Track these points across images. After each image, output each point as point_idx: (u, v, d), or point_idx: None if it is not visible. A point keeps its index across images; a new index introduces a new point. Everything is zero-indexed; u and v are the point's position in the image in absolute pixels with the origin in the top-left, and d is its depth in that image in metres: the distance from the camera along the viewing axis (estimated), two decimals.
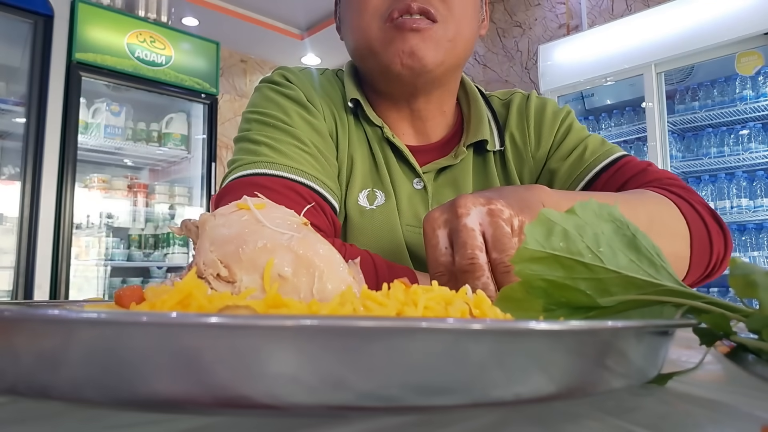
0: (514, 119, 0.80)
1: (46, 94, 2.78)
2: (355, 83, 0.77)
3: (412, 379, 0.17)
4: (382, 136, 0.75)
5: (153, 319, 0.16)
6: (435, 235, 0.46)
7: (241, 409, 0.16)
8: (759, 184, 2.62)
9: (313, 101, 0.73)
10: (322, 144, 0.71)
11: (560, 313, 0.29)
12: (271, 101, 0.72)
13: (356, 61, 0.76)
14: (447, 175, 0.77)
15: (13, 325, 0.17)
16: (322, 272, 0.28)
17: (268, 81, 0.76)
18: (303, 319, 0.16)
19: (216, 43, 3.54)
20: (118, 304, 0.24)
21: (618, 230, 0.30)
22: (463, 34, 0.70)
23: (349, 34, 0.73)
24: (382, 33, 0.68)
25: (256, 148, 0.67)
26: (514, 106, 0.81)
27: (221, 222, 0.29)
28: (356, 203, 0.73)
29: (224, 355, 0.16)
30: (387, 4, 0.67)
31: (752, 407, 0.23)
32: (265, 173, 0.64)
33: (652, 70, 2.71)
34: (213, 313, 0.20)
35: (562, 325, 0.19)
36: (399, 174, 0.75)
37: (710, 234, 0.62)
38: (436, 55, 0.67)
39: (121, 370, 0.16)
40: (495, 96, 0.85)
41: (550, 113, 0.79)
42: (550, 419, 0.21)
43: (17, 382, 0.17)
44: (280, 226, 0.29)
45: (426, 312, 0.24)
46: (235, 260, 0.27)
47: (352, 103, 0.75)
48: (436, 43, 0.67)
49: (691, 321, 0.24)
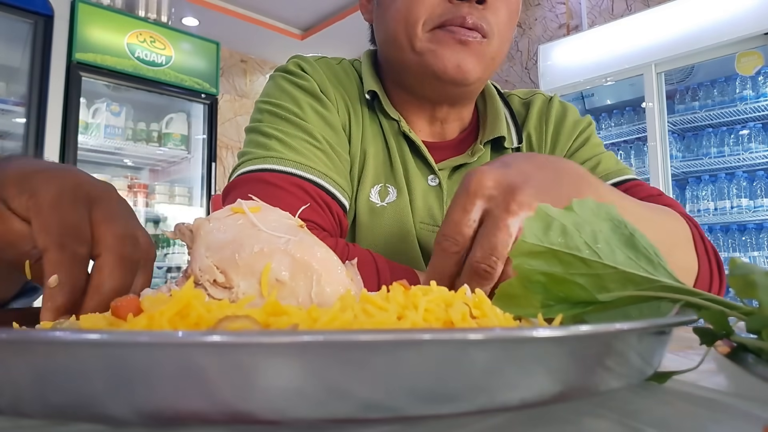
0: (534, 120, 0.79)
1: (46, 94, 2.78)
2: (373, 74, 0.75)
3: (416, 389, 0.17)
4: (398, 130, 0.74)
5: (155, 339, 0.16)
6: (472, 201, 0.41)
7: (242, 424, 0.17)
8: (759, 184, 2.62)
9: (327, 92, 0.72)
10: (334, 138, 0.70)
11: (558, 308, 0.29)
12: (285, 92, 0.71)
13: (387, 51, 0.73)
14: (462, 173, 0.75)
15: (12, 347, 0.17)
16: (320, 275, 0.27)
17: (283, 70, 0.75)
18: (304, 335, 0.16)
19: (216, 43, 3.54)
20: (114, 315, 0.23)
21: (616, 228, 0.30)
22: (504, 50, 0.70)
23: (387, 22, 0.70)
24: (430, 35, 0.66)
25: (266, 142, 0.66)
26: (535, 107, 0.80)
27: (216, 226, 0.29)
28: (367, 199, 0.71)
29: (224, 372, 0.16)
30: (442, 8, 0.65)
31: (752, 407, 0.23)
32: (273, 169, 0.63)
33: (652, 70, 2.71)
34: (212, 328, 0.20)
35: (562, 330, 0.19)
36: (414, 170, 0.73)
37: (712, 277, 0.62)
38: (478, 69, 0.67)
39: (123, 387, 0.16)
40: (515, 95, 0.84)
41: (570, 121, 0.79)
42: (553, 420, 0.21)
43: (16, 401, 0.17)
44: (276, 229, 0.28)
45: (426, 315, 0.24)
46: (232, 266, 0.27)
47: (369, 95, 0.74)
48: (481, 58, 0.67)
49: (691, 318, 0.24)
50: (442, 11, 0.65)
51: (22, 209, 0.35)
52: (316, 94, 0.71)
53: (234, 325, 0.20)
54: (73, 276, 0.33)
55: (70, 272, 0.33)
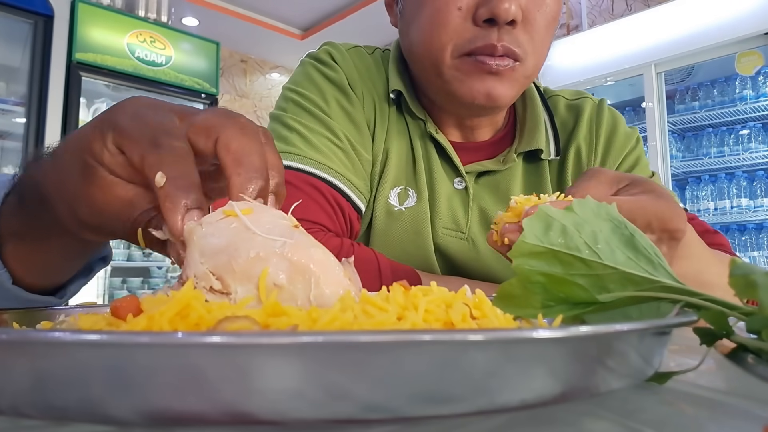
0: (584, 131, 0.73)
1: (46, 94, 2.78)
2: (399, 72, 0.72)
3: (416, 389, 0.17)
4: (425, 131, 0.70)
5: (155, 340, 0.16)
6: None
7: (242, 425, 0.17)
8: (759, 184, 2.62)
9: (355, 86, 0.69)
10: (356, 137, 0.67)
11: (559, 309, 0.29)
12: (312, 82, 0.69)
13: (412, 65, 0.69)
14: (489, 179, 0.72)
15: (11, 348, 0.17)
16: (318, 278, 0.27)
17: (314, 57, 0.72)
18: (304, 336, 0.16)
19: (216, 43, 3.54)
20: (114, 315, 0.23)
21: (616, 229, 0.30)
22: (540, 63, 0.65)
23: (411, 39, 0.66)
24: (457, 63, 0.62)
25: (287, 135, 0.64)
26: (585, 115, 0.74)
27: (210, 231, 0.28)
28: (386, 201, 0.69)
29: (224, 373, 0.16)
30: (470, 34, 0.60)
31: (752, 407, 0.23)
32: (290, 166, 0.62)
33: (652, 70, 2.71)
34: (212, 329, 0.20)
35: (562, 331, 0.19)
36: (440, 172, 0.70)
37: None
38: (511, 92, 0.63)
39: (123, 387, 0.16)
40: (561, 96, 0.79)
41: (622, 133, 0.74)
42: (553, 420, 0.21)
43: (17, 402, 0.17)
44: (270, 231, 0.28)
45: (426, 315, 0.24)
46: (228, 271, 0.27)
47: (393, 94, 0.70)
48: (514, 83, 0.63)
49: (691, 318, 0.24)
50: (471, 37, 0.60)
51: (113, 152, 0.30)
52: (343, 88, 0.68)
53: (234, 325, 0.20)
54: (180, 167, 0.29)
55: (174, 165, 0.29)
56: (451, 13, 0.60)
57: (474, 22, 0.60)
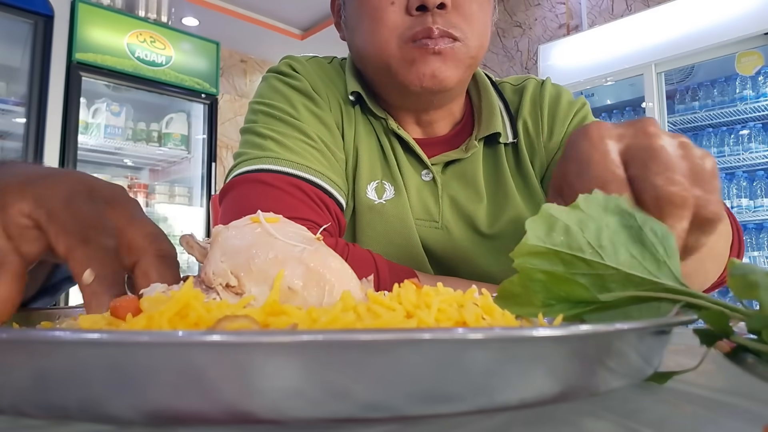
0: (528, 107, 0.77)
1: (46, 94, 2.78)
2: (356, 75, 0.75)
3: (416, 388, 0.17)
4: (387, 128, 0.73)
5: (155, 339, 0.16)
6: (604, 143, 0.35)
7: (241, 423, 0.17)
8: (759, 184, 2.62)
9: (320, 92, 0.72)
10: (328, 137, 0.69)
11: (559, 308, 0.29)
12: (278, 92, 0.71)
13: (364, 69, 0.73)
14: (455, 168, 0.74)
15: (12, 346, 0.17)
16: (332, 286, 0.27)
17: (275, 71, 0.75)
18: (303, 334, 0.16)
19: (216, 43, 3.54)
20: (114, 315, 0.23)
21: (624, 223, 0.30)
22: (483, 43, 0.68)
23: (359, 43, 0.70)
24: (401, 53, 0.65)
25: (261, 142, 0.66)
26: (528, 93, 0.78)
27: (234, 234, 0.29)
28: (365, 197, 0.70)
29: (223, 371, 0.16)
30: (407, 23, 0.64)
31: (752, 407, 0.23)
32: (269, 169, 0.63)
33: (652, 70, 2.71)
34: (211, 328, 0.20)
35: (562, 330, 0.19)
36: (407, 166, 0.73)
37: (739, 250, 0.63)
38: (457, 73, 0.66)
39: (123, 386, 0.16)
40: (507, 82, 0.82)
41: (565, 103, 0.77)
42: (553, 420, 0.21)
43: (17, 401, 0.17)
44: (292, 239, 0.29)
45: (439, 315, 0.24)
46: (246, 270, 0.27)
47: (353, 96, 0.73)
48: (459, 62, 0.65)
49: (691, 318, 0.24)
50: (409, 25, 0.64)
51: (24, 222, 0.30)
52: (308, 94, 0.71)
53: (233, 324, 0.20)
54: (107, 266, 0.29)
55: (103, 263, 0.29)
56: (386, 9, 0.65)
57: (408, 12, 0.64)
